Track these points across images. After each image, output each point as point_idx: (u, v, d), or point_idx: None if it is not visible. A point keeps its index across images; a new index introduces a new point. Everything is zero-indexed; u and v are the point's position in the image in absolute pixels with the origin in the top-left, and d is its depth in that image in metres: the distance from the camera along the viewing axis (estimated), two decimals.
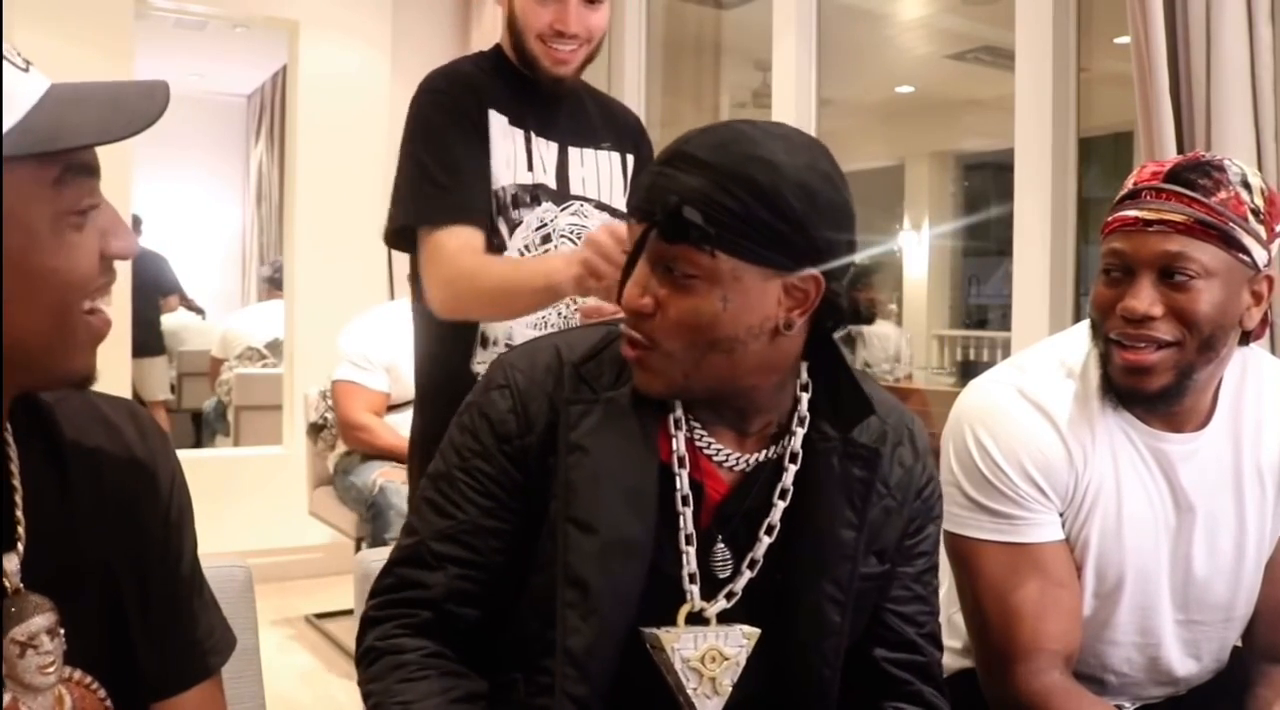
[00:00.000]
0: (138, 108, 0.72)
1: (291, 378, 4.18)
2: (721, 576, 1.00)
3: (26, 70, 0.70)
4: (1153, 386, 1.17)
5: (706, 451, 1.01)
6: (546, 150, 1.66)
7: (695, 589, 0.99)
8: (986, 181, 7.88)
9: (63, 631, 0.77)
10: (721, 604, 0.99)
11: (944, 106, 7.28)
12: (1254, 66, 1.76)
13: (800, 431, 1.02)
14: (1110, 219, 1.20)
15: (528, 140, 1.64)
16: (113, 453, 0.84)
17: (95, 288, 0.74)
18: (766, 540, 1.00)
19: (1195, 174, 1.16)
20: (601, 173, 1.71)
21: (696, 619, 0.99)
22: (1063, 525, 1.24)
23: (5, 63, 0.68)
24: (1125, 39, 1.91)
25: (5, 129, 0.66)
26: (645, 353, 0.96)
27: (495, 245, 1.60)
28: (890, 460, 1.04)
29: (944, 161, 8.09)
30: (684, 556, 0.99)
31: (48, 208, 0.70)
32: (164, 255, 6.06)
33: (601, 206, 1.70)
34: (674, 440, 1.00)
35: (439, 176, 1.57)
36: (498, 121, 1.62)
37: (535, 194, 1.64)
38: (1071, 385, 1.25)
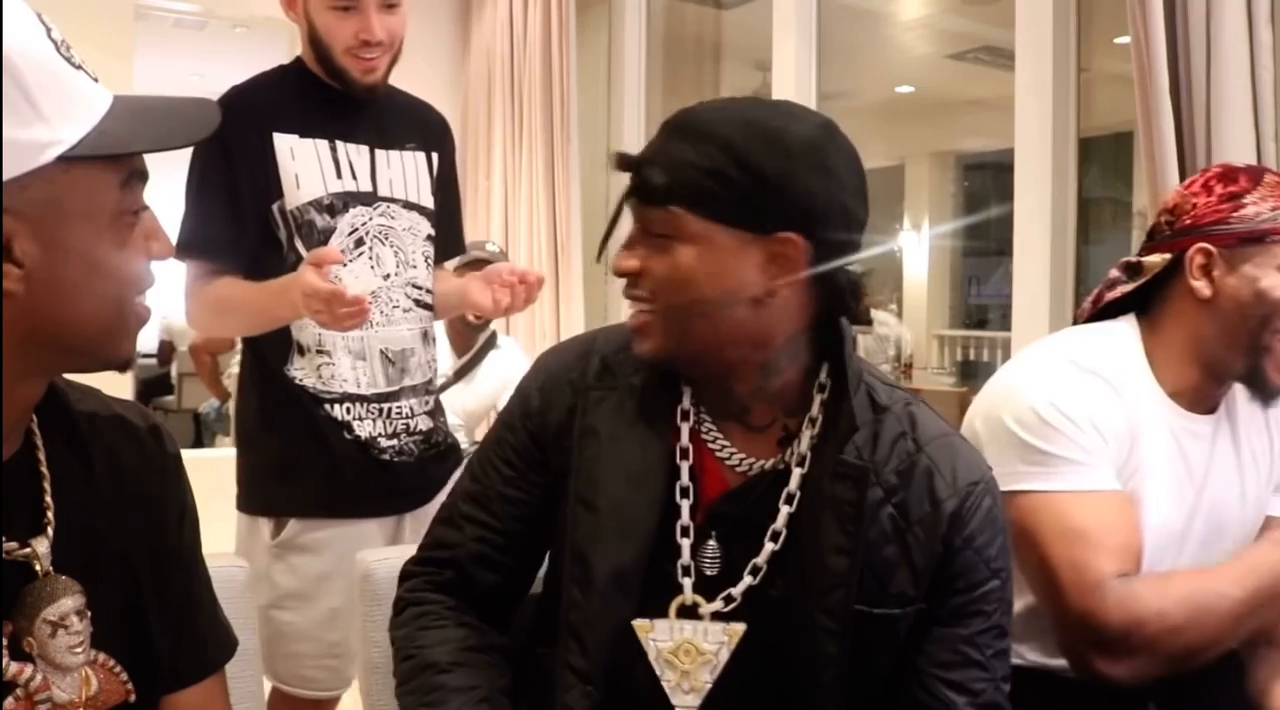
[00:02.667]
0: (193, 119, 0.80)
1: None
2: (708, 574, 0.99)
3: (96, 82, 0.76)
4: None
5: (711, 446, 1.01)
6: (357, 156, 1.72)
7: (688, 582, 0.98)
8: (986, 181, 7.89)
9: (90, 614, 0.80)
10: (719, 606, 0.98)
11: (944, 106, 7.28)
12: (1254, 67, 1.76)
13: (808, 433, 0.98)
14: None
15: (333, 149, 1.70)
16: (129, 451, 0.88)
17: (144, 285, 0.80)
18: (770, 547, 0.97)
19: None
20: (408, 173, 1.78)
21: (691, 614, 0.98)
22: None
23: (82, 73, 0.75)
24: (1125, 39, 1.91)
25: (86, 132, 0.73)
26: (644, 317, 0.97)
27: (292, 262, 1.66)
28: (914, 491, 0.97)
29: (944, 161, 8.10)
30: (680, 549, 0.99)
31: (113, 207, 0.76)
32: None
33: (409, 205, 1.77)
34: (680, 431, 1.00)
35: (193, 212, 1.68)
36: (285, 141, 1.67)
37: (346, 201, 1.70)
38: (1107, 370, 1.29)
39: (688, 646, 0.96)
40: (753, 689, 0.98)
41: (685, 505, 0.99)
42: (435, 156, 1.83)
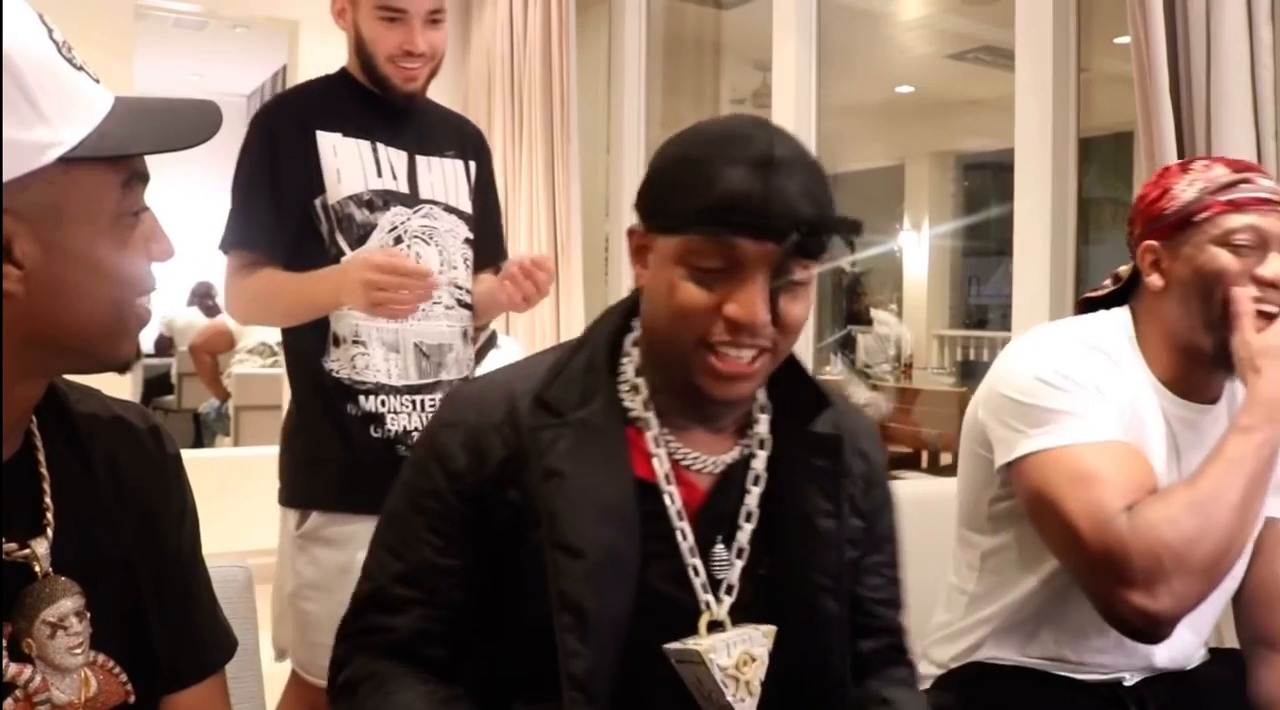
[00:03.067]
0: (195, 121, 0.79)
1: None
2: (719, 578, 1.00)
3: (98, 82, 0.76)
4: None
5: (684, 463, 1.01)
6: (396, 158, 1.81)
7: (710, 598, 0.98)
8: (986, 181, 7.88)
9: (89, 615, 0.80)
10: (726, 602, 0.99)
11: (944, 106, 7.28)
12: (1254, 66, 1.76)
13: (764, 418, 1.04)
14: (1241, 198, 1.29)
15: (374, 150, 1.79)
16: (129, 451, 0.87)
17: (145, 287, 0.80)
18: (748, 527, 1.01)
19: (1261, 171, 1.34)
20: (448, 178, 1.87)
21: (713, 626, 0.99)
22: None
23: (83, 74, 0.74)
24: (1125, 39, 1.91)
25: (86, 133, 0.73)
26: (757, 363, 0.95)
27: (333, 255, 1.74)
28: (851, 451, 1.05)
29: (944, 161, 8.10)
30: (691, 568, 0.98)
31: (113, 207, 0.75)
32: None
33: (449, 209, 1.85)
34: (655, 459, 1.00)
35: (238, 207, 1.78)
36: (328, 139, 1.76)
37: (386, 199, 1.78)
38: (1106, 360, 1.33)
39: (746, 656, 0.97)
40: (774, 672, 0.99)
41: (685, 527, 0.99)
42: (473, 165, 1.92)
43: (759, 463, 1.03)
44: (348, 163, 1.76)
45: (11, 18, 0.70)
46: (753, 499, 1.02)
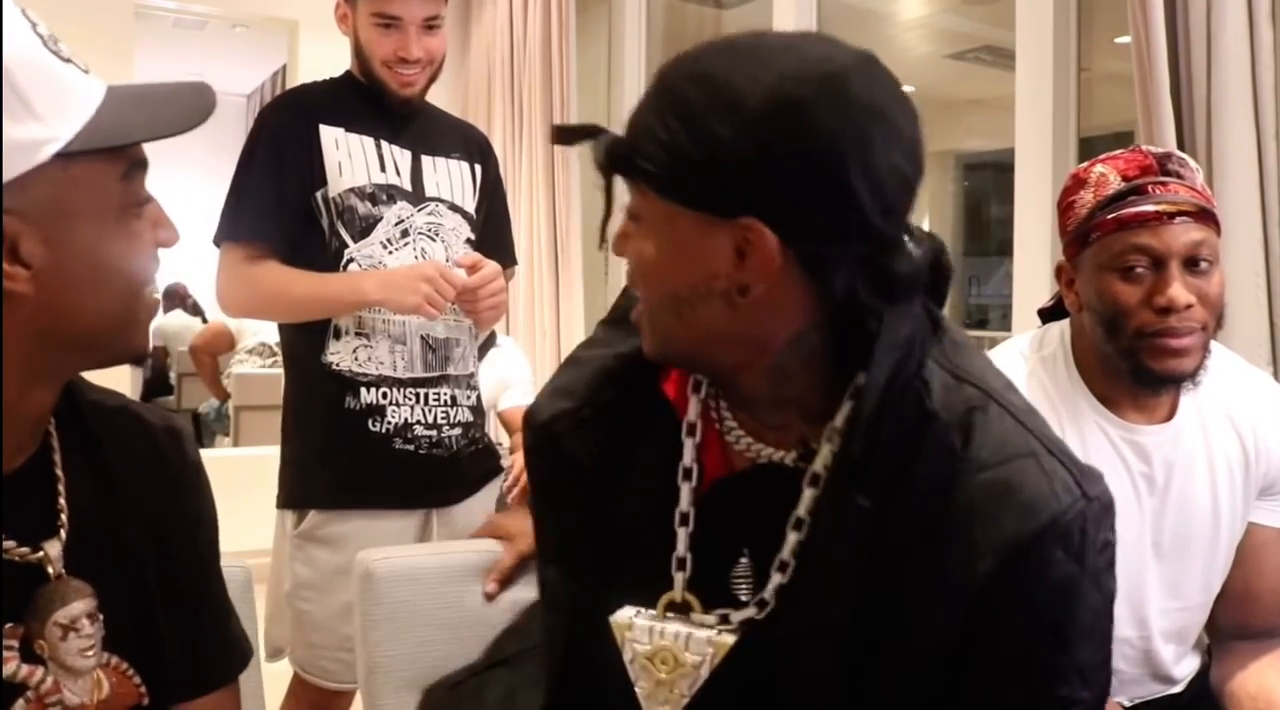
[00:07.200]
0: (188, 105, 0.78)
1: None
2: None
3: (87, 73, 0.75)
4: (1189, 368, 1.20)
5: (722, 427, 0.85)
6: (400, 156, 1.81)
7: (681, 577, 0.82)
8: (986, 181, 7.88)
9: (101, 617, 0.80)
10: (749, 611, 0.80)
11: (944, 106, 7.27)
12: (1254, 66, 1.75)
13: (828, 448, 0.79)
14: (1129, 214, 1.19)
15: (379, 146, 1.80)
16: (148, 456, 0.87)
17: (152, 275, 0.80)
18: (794, 536, 0.79)
19: (1175, 164, 1.22)
20: (454, 178, 1.87)
21: (681, 610, 0.83)
22: None
23: (72, 66, 0.74)
24: (1125, 39, 1.91)
25: (80, 127, 0.71)
26: (640, 309, 0.83)
27: (334, 247, 1.75)
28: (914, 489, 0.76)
29: (944, 161, 8.09)
30: (674, 538, 0.83)
31: (117, 200, 0.75)
32: None
33: (454, 207, 1.86)
34: (690, 401, 0.84)
35: (242, 198, 1.75)
36: (330, 133, 1.76)
37: (390, 193, 1.79)
38: (1040, 381, 1.29)
39: (665, 654, 0.81)
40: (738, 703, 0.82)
41: (686, 488, 0.83)
42: (479, 168, 1.92)
43: (803, 506, 0.80)
44: (351, 156, 1.76)
45: None
46: (788, 549, 0.80)
